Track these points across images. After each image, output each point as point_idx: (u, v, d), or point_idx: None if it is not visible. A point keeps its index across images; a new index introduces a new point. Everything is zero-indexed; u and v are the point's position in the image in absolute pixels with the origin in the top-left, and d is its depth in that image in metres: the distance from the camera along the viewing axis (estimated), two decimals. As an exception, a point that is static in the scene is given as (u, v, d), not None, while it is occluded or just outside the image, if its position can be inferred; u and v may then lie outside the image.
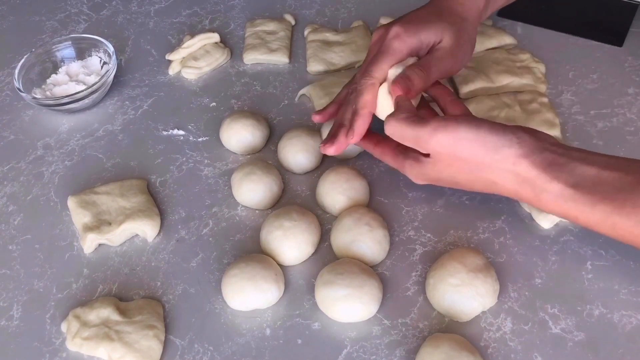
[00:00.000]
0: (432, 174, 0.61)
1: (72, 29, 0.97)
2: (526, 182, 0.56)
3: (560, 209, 0.56)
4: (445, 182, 0.62)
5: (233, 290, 0.61)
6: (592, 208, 0.54)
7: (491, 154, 0.57)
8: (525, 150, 0.56)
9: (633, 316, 0.59)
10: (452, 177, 0.61)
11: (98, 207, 0.69)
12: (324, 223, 0.69)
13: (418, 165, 0.62)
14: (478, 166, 0.58)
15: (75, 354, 0.60)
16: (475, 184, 0.60)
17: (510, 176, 0.57)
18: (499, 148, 0.56)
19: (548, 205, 0.56)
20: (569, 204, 0.55)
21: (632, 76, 0.81)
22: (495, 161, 0.57)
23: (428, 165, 0.61)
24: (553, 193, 0.55)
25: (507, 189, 0.58)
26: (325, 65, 0.85)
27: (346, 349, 0.59)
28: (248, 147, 0.76)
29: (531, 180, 0.56)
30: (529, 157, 0.56)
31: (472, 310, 0.59)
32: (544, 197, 0.56)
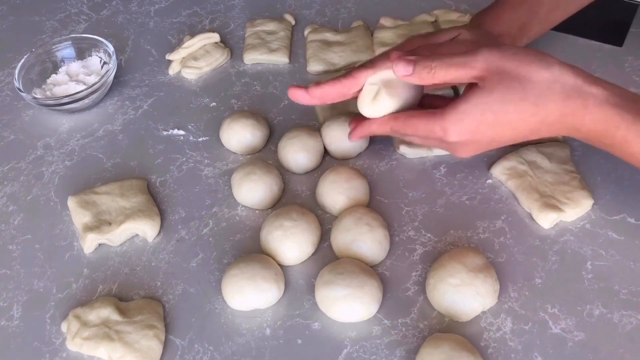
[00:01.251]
0: (478, 107, 0.58)
1: (72, 29, 0.97)
2: (573, 89, 0.56)
3: (604, 116, 0.56)
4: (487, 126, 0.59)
5: (233, 290, 0.61)
6: (635, 118, 0.55)
7: (537, 62, 0.57)
8: (564, 63, 0.57)
9: (633, 316, 0.59)
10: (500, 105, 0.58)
11: (98, 207, 0.69)
12: (324, 223, 0.69)
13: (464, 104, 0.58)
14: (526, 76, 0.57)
15: (75, 354, 0.60)
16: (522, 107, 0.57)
17: (557, 86, 0.57)
18: (542, 56, 0.58)
19: (594, 111, 0.56)
20: (613, 111, 0.56)
21: (632, 76, 0.81)
22: (543, 68, 0.57)
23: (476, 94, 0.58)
24: (600, 98, 0.56)
25: (554, 101, 0.57)
26: (325, 65, 0.85)
27: (346, 349, 0.59)
28: (248, 147, 0.76)
29: (578, 87, 0.56)
30: (571, 67, 0.57)
31: (472, 310, 0.59)
32: (590, 102, 0.56)
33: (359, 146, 0.74)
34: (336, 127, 0.73)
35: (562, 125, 0.58)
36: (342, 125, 0.73)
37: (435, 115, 0.60)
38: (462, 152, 0.63)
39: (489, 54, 0.58)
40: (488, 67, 0.58)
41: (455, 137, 0.60)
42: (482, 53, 0.58)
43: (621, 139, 0.57)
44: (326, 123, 0.75)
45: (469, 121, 0.59)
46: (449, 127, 0.59)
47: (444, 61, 0.59)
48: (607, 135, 0.57)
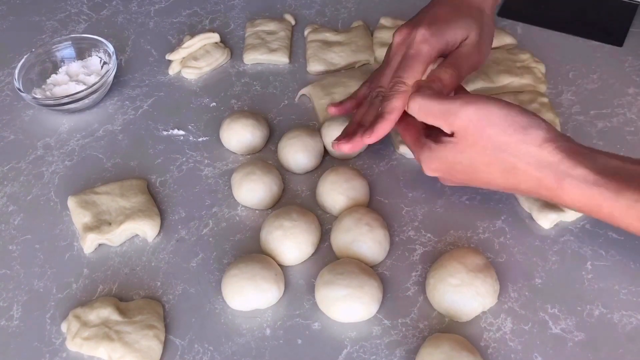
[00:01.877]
0: (449, 157, 0.59)
1: (72, 29, 0.97)
2: (549, 168, 0.55)
3: (583, 196, 0.54)
4: (459, 172, 0.60)
5: (233, 290, 0.61)
6: (617, 195, 0.53)
7: (519, 133, 0.56)
8: (552, 135, 0.56)
9: (633, 316, 0.59)
10: (470, 161, 0.58)
11: (98, 207, 0.69)
12: (324, 223, 0.69)
13: (437, 148, 0.60)
14: (503, 146, 0.56)
15: (75, 354, 0.60)
16: (493, 170, 0.58)
17: (533, 160, 0.56)
18: (528, 128, 0.56)
19: (570, 191, 0.55)
20: (592, 191, 0.54)
21: (632, 76, 0.81)
22: (522, 141, 0.56)
23: (449, 146, 0.59)
24: (577, 178, 0.54)
25: (528, 174, 0.56)
26: (325, 65, 0.85)
27: (346, 349, 0.59)
28: (248, 147, 0.76)
29: (555, 165, 0.55)
30: (555, 141, 0.55)
31: (472, 310, 0.59)
32: (566, 183, 0.55)
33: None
34: (336, 127, 0.73)
35: (539, 195, 0.58)
36: (342, 125, 0.73)
37: (416, 146, 0.63)
38: (441, 181, 0.65)
39: (471, 113, 0.57)
40: (466, 127, 0.57)
41: (430, 173, 0.63)
42: (464, 111, 0.57)
43: (607, 215, 0.55)
44: (326, 123, 0.75)
45: (439, 162, 0.61)
46: (424, 162, 0.62)
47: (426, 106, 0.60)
48: (591, 212, 0.56)
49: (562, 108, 0.78)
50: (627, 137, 0.74)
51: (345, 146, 0.65)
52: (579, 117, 0.76)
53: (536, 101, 0.76)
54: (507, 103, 0.57)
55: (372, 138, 0.63)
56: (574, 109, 0.78)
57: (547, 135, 0.56)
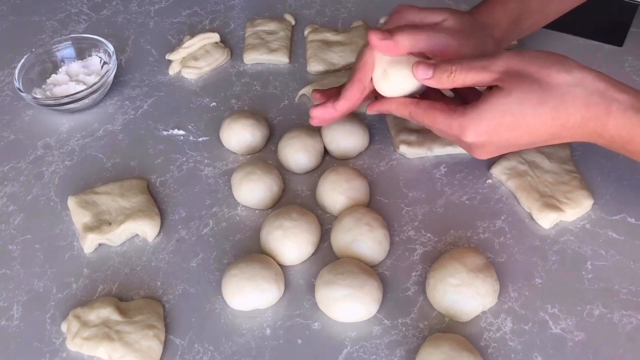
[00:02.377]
0: (497, 108, 0.57)
1: (72, 29, 0.97)
2: (596, 93, 0.55)
3: (628, 122, 0.55)
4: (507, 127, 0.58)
5: (233, 290, 0.61)
6: None
7: (559, 64, 0.56)
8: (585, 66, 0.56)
9: (633, 316, 0.59)
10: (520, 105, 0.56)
11: (98, 207, 0.69)
12: (324, 223, 0.69)
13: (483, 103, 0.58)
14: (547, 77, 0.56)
15: (76, 354, 0.60)
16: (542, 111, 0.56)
17: (579, 90, 0.55)
18: (563, 60, 0.57)
19: (617, 117, 0.55)
20: (638, 116, 0.54)
21: (632, 76, 0.81)
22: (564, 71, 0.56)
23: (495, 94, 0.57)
24: (624, 103, 0.55)
25: (576, 105, 0.56)
26: (325, 65, 0.85)
27: (346, 349, 0.59)
28: (248, 147, 0.76)
29: (601, 91, 0.55)
30: (592, 70, 0.56)
31: (472, 310, 0.59)
32: (614, 107, 0.55)
33: (359, 146, 0.74)
34: (336, 127, 0.73)
35: (583, 131, 0.57)
36: (342, 125, 0.73)
37: (456, 113, 0.59)
38: (479, 153, 0.62)
39: (509, 58, 0.58)
40: (508, 70, 0.57)
41: (473, 138, 0.59)
42: (502, 57, 0.58)
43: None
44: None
45: (486, 122, 0.58)
46: (467, 127, 0.58)
47: (463, 65, 0.59)
48: (632, 141, 0.56)
49: (562, 108, 0.78)
50: (627, 137, 0.74)
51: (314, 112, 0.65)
52: (579, 117, 0.76)
53: (536, 101, 0.76)
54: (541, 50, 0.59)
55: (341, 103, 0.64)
56: (574, 109, 0.78)
57: (582, 65, 0.57)
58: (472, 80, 0.59)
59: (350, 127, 0.74)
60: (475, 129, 0.58)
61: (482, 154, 0.62)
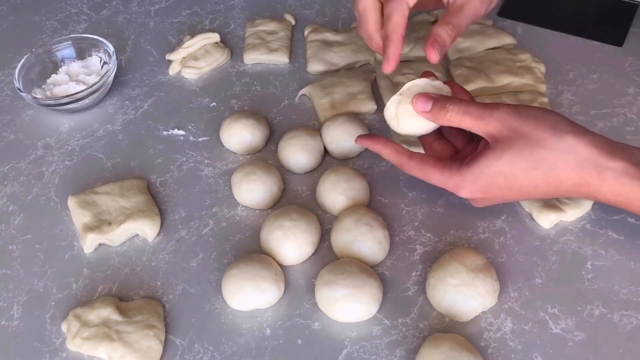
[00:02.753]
0: (490, 169, 0.58)
1: (72, 29, 0.97)
2: (589, 161, 0.55)
3: (623, 189, 0.55)
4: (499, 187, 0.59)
5: (233, 290, 0.61)
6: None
7: (551, 129, 0.56)
8: (577, 128, 0.56)
9: (633, 316, 0.59)
10: (511, 168, 0.57)
11: (98, 207, 0.69)
12: (324, 223, 0.69)
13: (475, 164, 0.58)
14: (540, 142, 0.56)
15: (76, 354, 0.60)
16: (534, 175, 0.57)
17: (572, 156, 0.56)
18: (556, 123, 0.57)
19: (611, 185, 0.55)
20: (632, 182, 0.54)
21: (632, 76, 0.81)
22: (556, 136, 0.56)
23: (486, 155, 0.58)
24: (617, 170, 0.55)
25: (568, 172, 0.56)
26: (325, 65, 0.85)
27: (346, 349, 0.59)
28: (248, 147, 0.76)
29: (594, 158, 0.55)
30: (585, 135, 0.56)
31: (472, 310, 0.59)
32: (607, 176, 0.55)
33: (359, 146, 0.74)
34: (336, 127, 0.73)
35: (577, 194, 0.58)
36: (342, 125, 0.73)
37: (451, 171, 0.60)
38: (475, 204, 0.63)
39: (506, 113, 0.57)
40: (502, 127, 0.57)
41: (468, 195, 0.61)
42: (499, 110, 0.58)
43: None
44: (326, 123, 0.75)
45: (480, 182, 0.59)
46: (462, 186, 0.60)
47: (461, 108, 0.59)
48: (630, 205, 0.56)
49: (562, 108, 0.78)
50: (627, 137, 0.74)
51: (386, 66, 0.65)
52: (579, 117, 0.76)
53: (536, 101, 0.76)
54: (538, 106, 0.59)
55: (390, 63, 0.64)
56: (574, 109, 0.78)
57: (573, 127, 0.56)
58: (466, 125, 0.59)
59: (350, 127, 0.74)
60: (469, 188, 0.60)
61: (479, 205, 0.63)
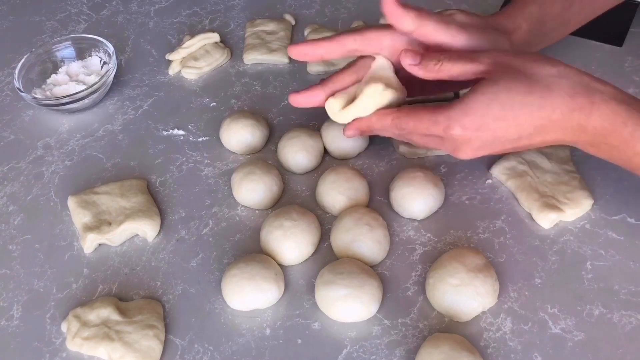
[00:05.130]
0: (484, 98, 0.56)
1: (72, 29, 0.97)
2: (580, 84, 0.56)
3: (611, 113, 0.56)
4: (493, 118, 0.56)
5: (233, 290, 0.61)
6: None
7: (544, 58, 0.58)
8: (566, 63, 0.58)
9: (633, 316, 0.59)
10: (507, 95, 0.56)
11: (98, 207, 0.70)
12: (324, 223, 0.69)
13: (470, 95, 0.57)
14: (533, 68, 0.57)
15: (75, 354, 0.60)
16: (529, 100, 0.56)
17: (564, 81, 0.56)
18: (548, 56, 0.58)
19: (600, 108, 0.56)
20: (621, 107, 0.55)
21: (632, 76, 0.81)
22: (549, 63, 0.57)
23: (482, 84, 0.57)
24: (607, 94, 0.56)
25: (561, 95, 0.56)
26: (325, 65, 0.85)
27: (346, 349, 0.59)
28: (248, 147, 0.76)
29: (585, 82, 0.57)
30: (574, 67, 0.57)
31: (472, 310, 0.59)
32: (597, 98, 0.56)
33: (358, 146, 0.74)
34: (336, 127, 0.73)
35: (568, 123, 0.57)
36: (342, 126, 0.73)
37: (441, 108, 0.59)
38: (463, 150, 0.60)
39: (497, 52, 0.59)
40: (494, 61, 0.58)
41: (459, 131, 0.57)
42: (490, 50, 0.59)
43: (628, 137, 0.56)
44: (326, 123, 0.75)
45: (474, 113, 0.57)
46: (454, 118, 0.57)
47: (452, 54, 0.59)
48: (614, 132, 0.56)
49: (562, 108, 0.78)
50: (627, 137, 0.74)
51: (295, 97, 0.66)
52: (579, 117, 0.76)
53: (536, 101, 0.76)
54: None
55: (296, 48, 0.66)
56: (574, 109, 0.77)
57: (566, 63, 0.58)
58: (459, 70, 0.58)
59: (350, 127, 0.73)
60: (462, 121, 0.57)
61: (467, 152, 0.60)
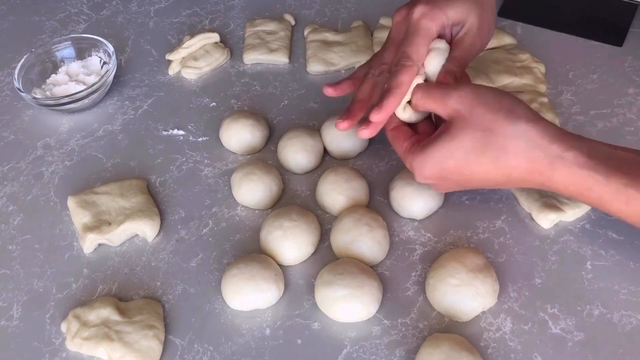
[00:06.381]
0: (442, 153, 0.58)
1: (72, 29, 0.97)
2: (540, 148, 0.55)
3: (574, 179, 0.55)
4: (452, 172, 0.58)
5: (233, 290, 0.61)
6: (607, 179, 0.53)
7: (506, 111, 0.56)
8: (533, 115, 0.56)
9: (633, 316, 0.59)
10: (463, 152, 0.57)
11: (98, 207, 0.69)
12: (324, 223, 0.69)
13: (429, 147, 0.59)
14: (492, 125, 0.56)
15: (75, 354, 0.60)
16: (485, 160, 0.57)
17: (523, 142, 0.55)
18: (514, 108, 0.56)
19: (562, 174, 0.55)
20: (583, 173, 0.54)
21: (632, 76, 0.81)
22: (509, 120, 0.56)
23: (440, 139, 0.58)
24: (568, 160, 0.54)
25: (519, 158, 0.56)
26: (325, 65, 0.85)
27: (346, 349, 0.59)
28: (248, 147, 0.76)
29: (545, 147, 0.55)
30: (539, 122, 0.56)
31: (472, 310, 0.59)
32: (557, 164, 0.55)
33: (358, 146, 0.74)
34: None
35: (531, 183, 0.57)
36: (342, 125, 0.73)
37: (407, 152, 0.61)
38: (435, 189, 0.64)
39: (464, 93, 0.58)
40: (460, 107, 0.57)
41: (421, 179, 0.61)
42: (458, 92, 0.58)
43: (597, 200, 0.55)
44: (326, 123, 0.75)
45: (431, 166, 0.59)
46: (416, 167, 0.60)
47: (424, 92, 0.61)
48: (581, 196, 0.56)
49: (562, 108, 0.78)
50: (627, 137, 0.74)
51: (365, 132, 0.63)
52: (579, 117, 0.76)
53: (536, 101, 0.76)
54: (500, 90, 0.59)
55: (382, 114, 0.61)
56: (573, 109, 0.78)
57: (531, 115, 0.56)
58: (430, 107, 0.61)
59: (350, 127, 0.73)
60: (422, 171, 0.60)
61: (439, 189, 0.64)
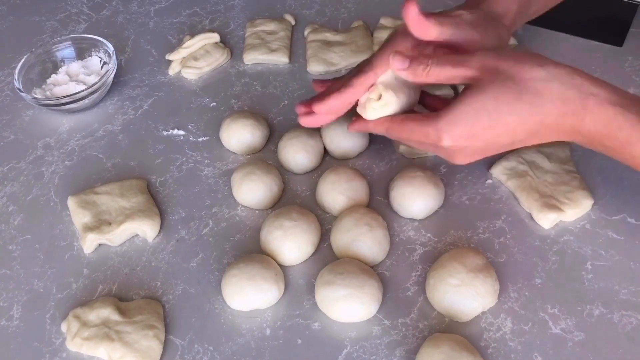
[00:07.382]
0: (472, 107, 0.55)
1: (72, 29, 0.97)
2: (573, 88, 0.54)
3: (605, 117, 0.54)
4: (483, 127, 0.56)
5: (233, 290, 0.61)
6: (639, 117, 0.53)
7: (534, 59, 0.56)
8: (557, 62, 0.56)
9: (633, 316, 0.59)
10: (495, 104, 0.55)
11: (98, 207, 0.70)
12: (324, 223, 0.69)
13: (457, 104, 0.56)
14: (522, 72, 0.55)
15: (75, 354, 0.60)
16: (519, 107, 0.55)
17: (555, 84, 0.54)
18: (537, 56, 0.56)
19: (594, 112, 0.54)
20: (615, 111, 0.53)
21: (632, 76, 0.81)
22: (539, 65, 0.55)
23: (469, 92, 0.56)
24: (600, 96, 0.54)
25: (553, 101, 0.54)
26: (325, 65, 0.85)
27: (346, 349, 0.59)
28: (248, 147, 0.76)
29: (576, 85, 0.54)
30: (567, 66, 0.55)
31: (472, 310, 0.59)
32: (590, 102, 0.54)
33: (359, 146, 0.74)
34: (336, 127, 0.73)
35: (561, 127, 0.56)
36: (342, 126, 0.73)
37: (430, 119, 0.58)
38: (458, 158, 0.60)
39: (484, 55, 0.57)
40: (482, 66, 0.56)
41: (450, 142, 0.57)
42: (477, 53, 0.57)
43: (624, 141, 0.54)
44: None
45: (462, 124, 0.56)
46: (443, 129, 0.57)
47: (440, 59, 0.58)
48: (609, 136, 0.55)
49: (562, 108, 0.78)
50: (627, 137, 0.74)
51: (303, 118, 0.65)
52: (579, 117, 0.76)
53: (536, 101, 0.76)
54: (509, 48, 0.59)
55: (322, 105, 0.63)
56: (574, 109, 0.77)
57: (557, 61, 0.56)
58: (447, 74, 0.58)
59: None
60: (451, 133, 0.57)
61: (462, 159, 0.60)
